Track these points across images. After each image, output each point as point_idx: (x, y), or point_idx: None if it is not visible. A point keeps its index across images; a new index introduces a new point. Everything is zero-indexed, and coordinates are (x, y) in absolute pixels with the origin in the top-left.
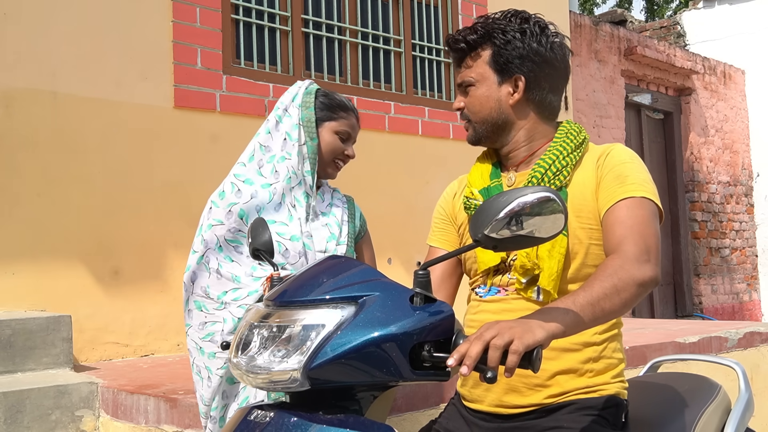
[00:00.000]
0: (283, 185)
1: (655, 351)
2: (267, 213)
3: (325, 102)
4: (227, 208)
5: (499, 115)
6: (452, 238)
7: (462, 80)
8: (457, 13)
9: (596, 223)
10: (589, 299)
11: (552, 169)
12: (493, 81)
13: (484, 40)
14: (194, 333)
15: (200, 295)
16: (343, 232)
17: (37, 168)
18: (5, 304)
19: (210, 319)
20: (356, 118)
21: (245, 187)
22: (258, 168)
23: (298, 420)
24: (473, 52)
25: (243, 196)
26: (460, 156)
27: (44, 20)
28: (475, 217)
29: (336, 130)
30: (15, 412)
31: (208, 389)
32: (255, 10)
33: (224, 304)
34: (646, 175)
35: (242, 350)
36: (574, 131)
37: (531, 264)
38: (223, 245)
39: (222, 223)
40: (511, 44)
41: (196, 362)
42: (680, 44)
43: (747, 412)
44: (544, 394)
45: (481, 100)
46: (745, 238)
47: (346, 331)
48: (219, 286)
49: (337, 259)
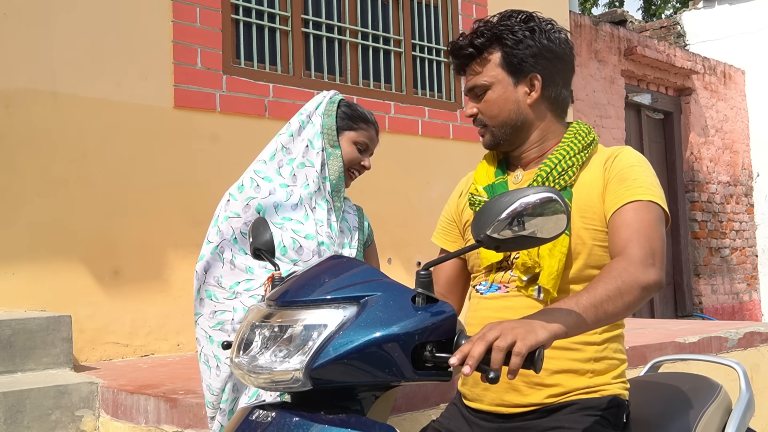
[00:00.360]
0: (301, 191)
1: (655, 351)
2: (284, 211)
3: (347, 112)
4: (245, 202)
5: (518, 116)
6: (454, 237)
7: (474, 85)
8: (457, 13)
9: (600, 224)
10: (592, 301)
11: (557, 169)
12: (508, 83)
13: (491, 42)
14: (204, 322)
15: (212, 284)
16: (354, 238)
17: (37, 168)
18: (5, 304)
19: (220, 308)
20: (376, 131)
21: (264, 183)
22: (278, 167)
23: (299, 420)
24: (480, 56)
25: (262, 192)
26: (460, 156)
27: (44, 20)
28: (478, 217)
29: (355, 140)
30: (15, 412)
31: (217, 378)
32: (255, 10)
33: (236, 294)
34: (654, 179)
35: (244, 350)
36: (583, 132)
37: (532, 262)
38: (238, 237)
39: (239, 215)
40: (522, 43)
41: (204, 351)
42: (680, 44)
43: (748, 412)
44: (545, 394)
45: (499, 104)
46: (745, 238)
47: (348, 331)
48: (232, 277)
49: (338, 259)
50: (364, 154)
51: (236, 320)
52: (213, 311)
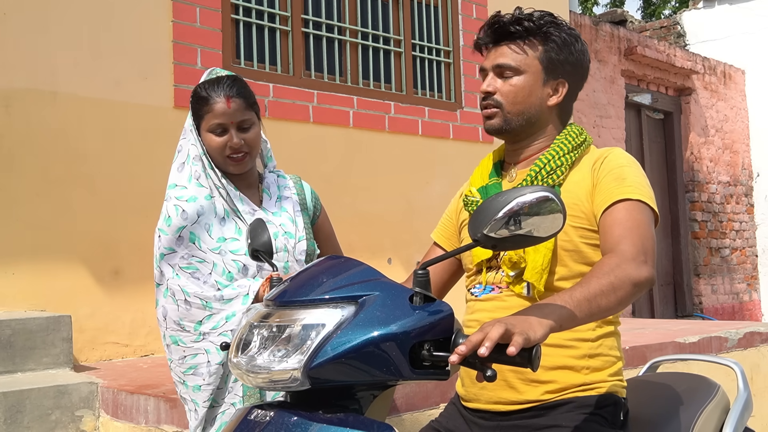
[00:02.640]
0: (220, 200)
1: (655, 351)
2: (217, 230)
3: (191, 100)
4: (177, 234)
5: (537, 113)
6: (449, 234)
7: (504, 63)
8: (457, 13)
9: (588, 223)
10: (586, 295)
11: (546, 168)
12: (540, 77)
13: (539, 33)
14: (176, 368)
15: (175, 329)
16: (299, 227)
17: (37, 168)
18: (5, 304)
19: (189, 352)
20: (227, 96)
21: (189, 205)
22: (192, 177)
23: (298, 419)
24: (523, 40)
25: (189, 216)
26: (460, 156)
27: (44, 20)
28: (474, 216)
29: (207, 128)
30: (15, 412)
31: (195, 421)
32: (255, 10)
33: (202, 335)
34: (644, 179)
35: (242, 350)
36: (574, 133)
37: (517, 257)
38: (180, 273)
39: (174, 251)
40: (566, 49)
41: (182, 394)
42: (680, 44)
43: (746, 412)
44: (541, 390)
45: (525, 92)
46: (745, 238)
47: (346, 331)
48: (191, 317)
49: (336, 259)
50: (224, 134)
51: (213, 362)
52: (182, 356)
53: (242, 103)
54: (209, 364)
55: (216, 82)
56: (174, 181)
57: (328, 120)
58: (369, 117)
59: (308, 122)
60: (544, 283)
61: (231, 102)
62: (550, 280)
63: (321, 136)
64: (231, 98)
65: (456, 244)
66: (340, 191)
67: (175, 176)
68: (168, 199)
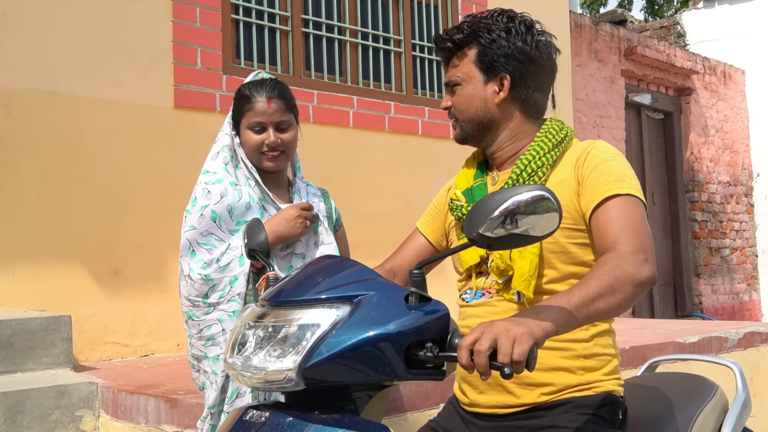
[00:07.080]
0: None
1: (655, 351)
2: (239, 214)
3: (235, 97)
4: (200, 212)
5: (485, 114)
6: (435, 226)
7: (449, 79)
8: (457, 13)
9: (574, 222)
10: (584, 298)
11: (527, 170)
12: (479, 80)
13: (470, 39)
14: (196, 342)
15: (187, 305)
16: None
17: (37, 168)
18: (5, 304)
19: (204, 324)
20: (269, 97)
21: (215, 187)
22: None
23: (293, 420)
24: (459, 51)
25: (213, 197)
26: (460, 156)
27: (44, 20)
28: (470, 216)
29: (247, 125)
30: (15, 412)
31: (214, 392)
32: (255, 10)
33: (212, 306)
34: (630, 171)
35: (238, 350)
36: (554, 129)
37: (504, 265)
38: (195, 249)
39: (194, 227)
40: (496, 43)
41: (204, 368)
42: (680, 44)
43: (744, 412)
44: (538, 393)
45: (467, 99)
46: (745, 238)
47: (342, 331)
48: (196, 291)
49: (332, 259)
50: (262, 132)
51: (227, 329)
52: (199, 330)
53: (282, 104)
54: (224, 332)
55: (260, 83)
56: (206, 167)
57: (328, 120)
58: (369, 117)
59: (308, 122)
60: (533, 289)
61: (272, 102)
62: (539, 284)
63: (321, 136)
64: (272, 99)
65: (441, 234)
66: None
67: (208, 163)
68: (198, 183)
